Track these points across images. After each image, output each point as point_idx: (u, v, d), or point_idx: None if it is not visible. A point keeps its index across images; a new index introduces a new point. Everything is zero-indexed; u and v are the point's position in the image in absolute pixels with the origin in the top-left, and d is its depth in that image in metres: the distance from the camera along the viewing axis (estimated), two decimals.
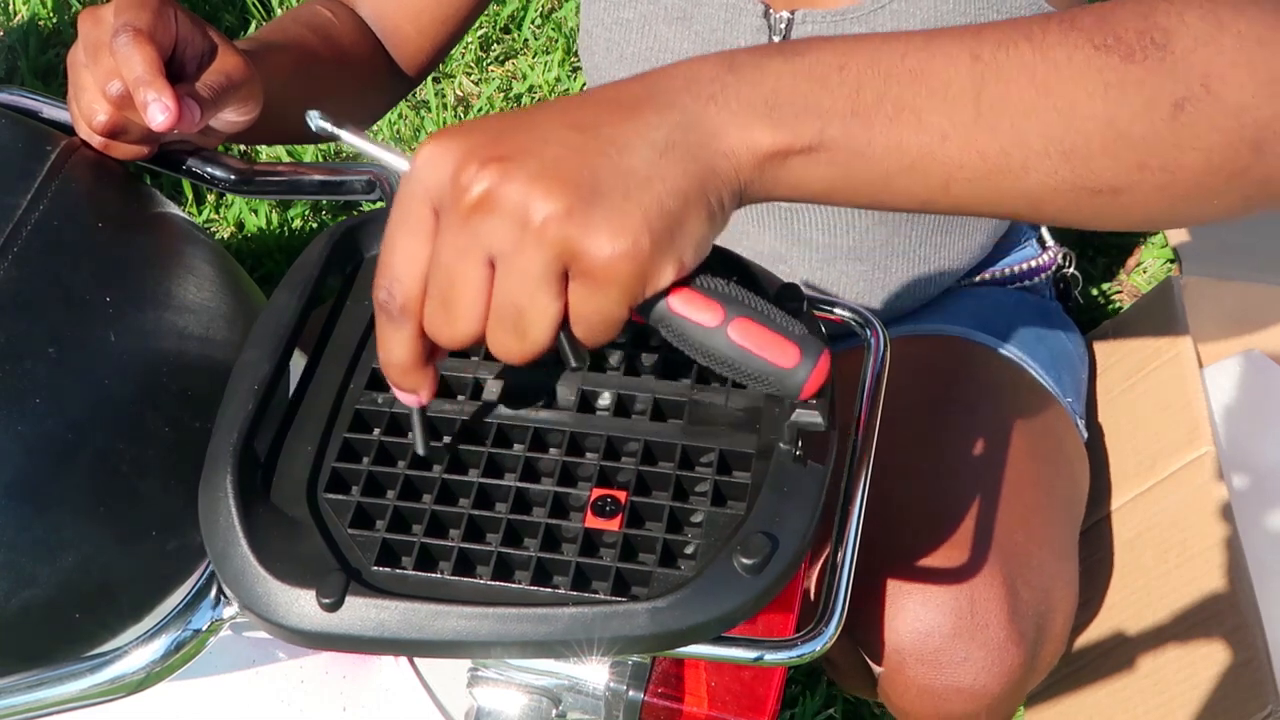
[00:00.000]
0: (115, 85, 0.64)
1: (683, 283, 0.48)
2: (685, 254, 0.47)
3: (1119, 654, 1.09)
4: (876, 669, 0.87)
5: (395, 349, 0.50)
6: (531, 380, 0.58)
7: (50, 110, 0.72)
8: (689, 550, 0.52)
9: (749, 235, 0.98)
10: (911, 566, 0.83)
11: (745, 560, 0.49)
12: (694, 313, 0.48)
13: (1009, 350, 1.02)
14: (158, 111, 0.62)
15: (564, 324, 0.47)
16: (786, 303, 0.57)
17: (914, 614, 0.82)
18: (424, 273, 0.48)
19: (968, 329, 1.02)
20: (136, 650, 0.55)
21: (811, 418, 0.52)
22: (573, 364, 0.49)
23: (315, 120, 0.54)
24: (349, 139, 0.53)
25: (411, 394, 0.52)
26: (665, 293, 0.47)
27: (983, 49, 0.48)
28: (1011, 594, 0.83)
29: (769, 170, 0.48)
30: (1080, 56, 0.48)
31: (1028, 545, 0.86)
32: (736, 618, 0.49)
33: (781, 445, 0.53)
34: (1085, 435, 1.05)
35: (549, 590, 0.51)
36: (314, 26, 0.85)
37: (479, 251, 0.46)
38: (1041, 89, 0.48)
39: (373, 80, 0.92)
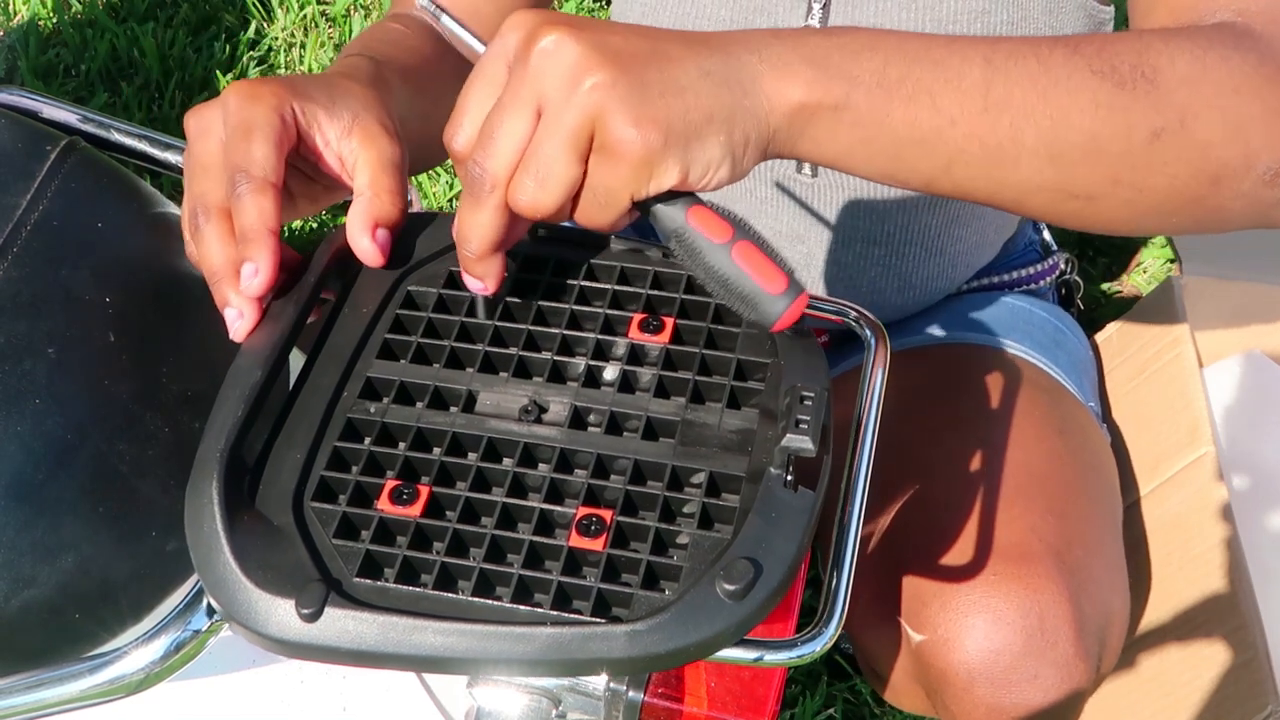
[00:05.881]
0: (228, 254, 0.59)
1: (698, 201, 0.54)
2: (692, 166, 0.52)
3: (1120, 655, 1.09)
4: (934, 684, 0.86)
5: (469, 218, 0.55)
6: (525, 395, 0.58)
7: (50, 110, 0.72)
8: (672, 573, 0.52)
9: (767, 213, 0.99)
10: (977, 585, 0.83)
11: (728, 586, 0.48)
12: (706, 228, 0.53)
13: (1036, 358, 1.02)
14: (249, 274, 0.57)
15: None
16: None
17: (984, 633, 0.81)
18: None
19: (993, 336, 1.03)
20: (136, 651, 0.55)
21: (802, 443, 0.52)
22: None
23: (420, 1, 0.61)
24: (447, 23, 0.61)
25: (479, 280, 0.57)
26: (684, 207, 0.54)
27: (996, 55, 0.55)
28: (1078, 610, 0.82)
29: (796, 122, 0.54)
30: (1078, 77, 0.55)
31: (1087, 559, 0.86)
32: (716, 644, 0.49)
33: (772, 470, 0.52)
34: (1109, 438, 1.06)
35: (529, 608, 0.51)
36: (398, 45, 0.82)
37: (531, 98, 0.52)
38: (1040, 96, 0.54)
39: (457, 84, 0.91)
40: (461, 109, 0.55)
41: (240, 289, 0.58)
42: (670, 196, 0.54)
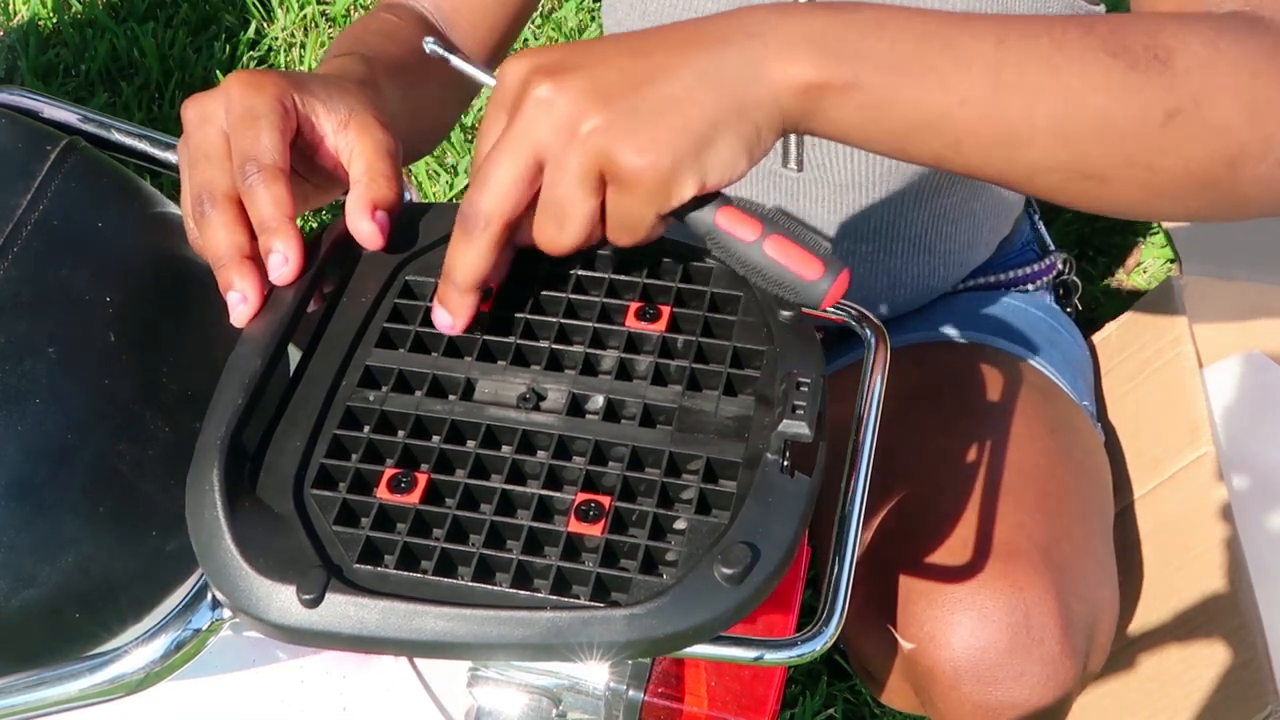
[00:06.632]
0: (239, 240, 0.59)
1: (726, 202, 0.55)
2: (708, 173, 0.53)
3: (1120, 655, 1.09)
4: (921, 682, 0.86)
5: (459, 252, 0.56)
6: (523, 383, 0.58)
7: (50, 110, 0.72)
8: (670, 558, 0.52)
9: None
10: (964, 583, 0.83)
11: (726, 570, 0.49)
12: (735, 228, 0.54)
13: (1029, 357, 1.02)
14: (279, 264, 0.58)
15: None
16: (783, 309, 0.58)
17: (969, 630, 0.82)
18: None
19: (987, 335, 1.02)
20: (136, 650, 0.55)
21: (799, 428, 0.52)
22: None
23: (429, 45, 0.64)
24: (456, 63, 0.63)
25: (448, 317, 0.58)
26: (713, 210, 0.54)
27: (1008, 35, 0.54)
28: (1064, 607, 0.82)
29: (806, 102, 0.54)
30: (1090, 56, 0.54)
31: (1075, 557, 0.86)
32: (714, 627, 0.49)
33: (769, 455, 0.53)
34: (1104, 437, 1.06)
35: (529, 593, 0.51)
36: (391, 38, 0.82)
37: (526, 147, 0.53)
38: (1053, 76, 0.54)
39: (450, 80, 0.90)
40: (477, 159, 0.56)
41: (271, 278, 0.59)
42: (697, 201, 0.54)
